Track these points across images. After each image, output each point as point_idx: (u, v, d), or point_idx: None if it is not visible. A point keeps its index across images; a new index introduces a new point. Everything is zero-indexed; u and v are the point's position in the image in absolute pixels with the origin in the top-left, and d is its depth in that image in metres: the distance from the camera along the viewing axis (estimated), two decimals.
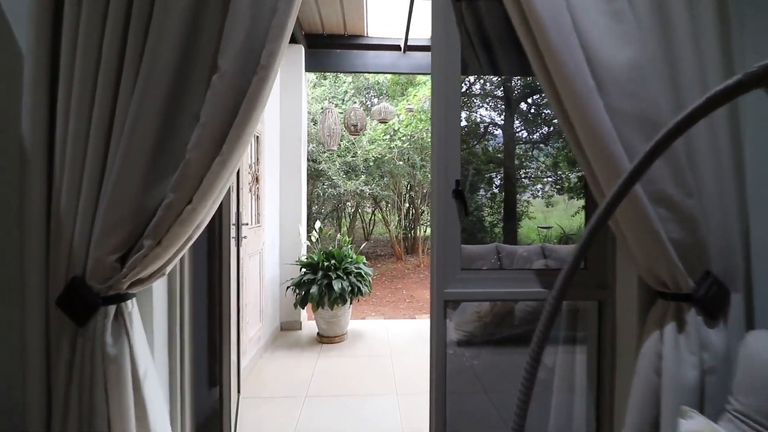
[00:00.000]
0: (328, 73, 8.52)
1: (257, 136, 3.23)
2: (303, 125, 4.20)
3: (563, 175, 3.79)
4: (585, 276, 1.52)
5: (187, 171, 1.08)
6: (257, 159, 3.23)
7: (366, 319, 5.17)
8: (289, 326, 4.07)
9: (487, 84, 3.34)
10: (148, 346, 1.24)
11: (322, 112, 4.62)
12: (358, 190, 7.83)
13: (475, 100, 3.46)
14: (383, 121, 5.27)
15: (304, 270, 3.72)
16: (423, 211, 9.19)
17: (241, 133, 1.12)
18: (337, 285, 3.46)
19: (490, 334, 2.17)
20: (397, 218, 9.16)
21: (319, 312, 3.61)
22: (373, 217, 10.64)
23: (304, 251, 4.21)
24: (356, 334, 3.92)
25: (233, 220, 2.61)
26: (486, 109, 3.50)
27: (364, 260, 3.89)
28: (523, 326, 2.11)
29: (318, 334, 3.77)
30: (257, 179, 3.23)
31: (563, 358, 1.83)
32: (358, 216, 10.10)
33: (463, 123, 1.75)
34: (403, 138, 7.76)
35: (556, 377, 1.83)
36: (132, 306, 1.18)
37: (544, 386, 2.11)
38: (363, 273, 3.72)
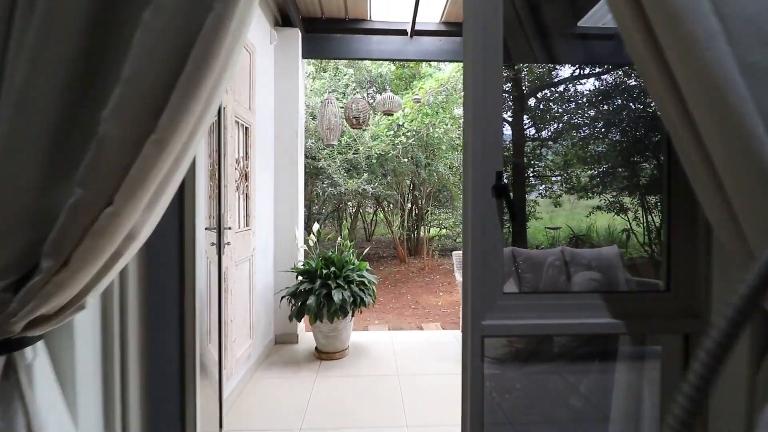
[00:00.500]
0: (327, 66, 8.14)
1: (246, 128, 2.84)
2: (300, 118, 3.81)
3: (573, 174, 3.54)
4: (666, 301, 1.14)
5: (102, 154, 0.70)
6: (246, 153, 2.85)
7: (369, 329, 4.78)
8: (284, 339, 3.69)
9: None
10: (67, 407, 0.87)
11: (322, 103, 4.23)
12: (360, 190, 7.42)
13: None
14: (388, 113, 4.88)
15: (300, 278, 3.34)
16: (427, 211, 8.81)
17: (189, 98, 0.74)
18: (337, 295, 3.08)
19: (522, 362, 1.79)
20: (399, 219, 8.78)
21: (317, 325, 3.23)
22: (374, 218, 10.27)
23: (301, 257, 3.83)
24: (358, 348, 3.54)
25: (212, 224, 2.24)
26: None
27: (368, 266, 3.51)
28: (564, 355, 1.74)
29: (316, 349, 3.39)
30: (246, 176, 2.85)
31: (625, 378, 1.48)
32: (359, 216, 9.73)
33: None
34: (408, 134, 7.36)
35: (613, 405, 1.49)
36: (34, 355, 0.81)
37: (577, 416, 1.76)
38: (366, 281, 3.33)
